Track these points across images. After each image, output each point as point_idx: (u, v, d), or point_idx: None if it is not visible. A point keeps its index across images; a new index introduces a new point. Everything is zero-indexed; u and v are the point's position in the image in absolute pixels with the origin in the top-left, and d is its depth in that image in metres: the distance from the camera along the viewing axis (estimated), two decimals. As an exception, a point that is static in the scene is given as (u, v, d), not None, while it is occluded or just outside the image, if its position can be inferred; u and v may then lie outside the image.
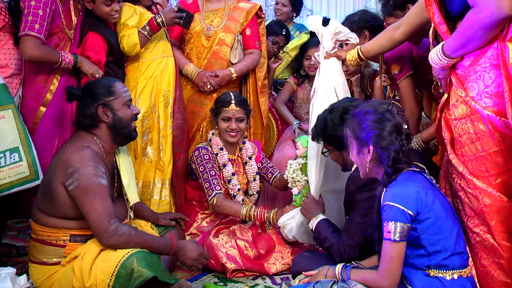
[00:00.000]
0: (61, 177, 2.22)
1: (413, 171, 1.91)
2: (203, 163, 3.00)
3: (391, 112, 1.88)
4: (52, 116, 2.77)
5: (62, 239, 2.28)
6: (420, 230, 1.80)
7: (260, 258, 2.83)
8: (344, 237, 2.24)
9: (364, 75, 3.55)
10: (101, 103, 2.34)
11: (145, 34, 2.99)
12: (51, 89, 2.75)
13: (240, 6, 3.46)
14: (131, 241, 2.19)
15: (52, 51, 2.69)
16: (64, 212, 2.25)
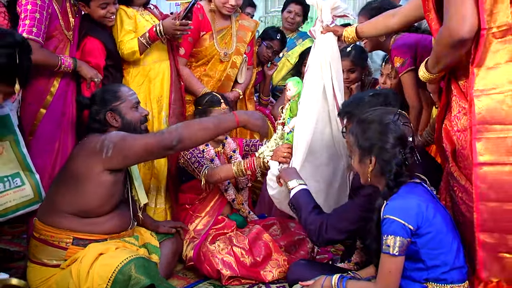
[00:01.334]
0: (96, 156, 2.25)
1: (414, 183, 1.91)
2: (190, 151, 3.02)
3: (396, 123, 1.87)
4: (52, 118, 2.77)
5: (65, 241, 2.29)
6: (420, 244, 1.81)
7: (256, 266, 2.82)
8: (332, 216, 2.19)
9: (365, 83, 3.55)
10: (109, 108, 2.44)
11: (144, 42, 2.98)
12: (51, 91, 2.77)
13: (244, 25, 3.54)
14: (190, 127, 2.24)
15: (52, 55, 2.70)
16: (84, 202, 2.27)
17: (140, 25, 3.05)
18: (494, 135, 1.75)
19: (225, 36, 3.48)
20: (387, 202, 1.84)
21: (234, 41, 3.48)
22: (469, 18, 1.73)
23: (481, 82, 1.77)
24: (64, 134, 2.83)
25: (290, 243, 2.99)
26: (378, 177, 1.91)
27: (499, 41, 1.75)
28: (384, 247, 1.78)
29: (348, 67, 3.41)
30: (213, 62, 3.45)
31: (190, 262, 2.86)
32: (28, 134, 2.72)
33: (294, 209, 2.33)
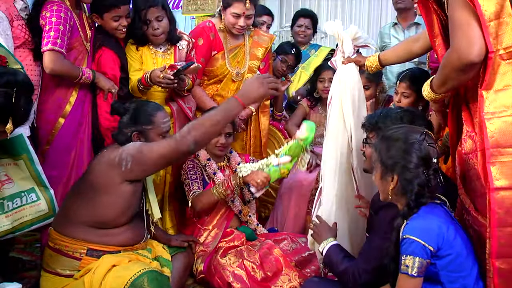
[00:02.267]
0: (115, 168, 2.24)
1: (434, 204, 1.88)
2: (187, 171, 3.07)
3: (421, 143, 1.84)
4: (70, 128, 2.81)
5: (79, 251, 2.29)
6: (439, 266, 1.77)
7: (267, 281, 2.80)
8: (360, 260, 2.17)
9: (379, 100, 3.54)
10: (138, 129, 2.42)
11: (141, 88, 3.00)
12: (70, 101, 2.81)
13: (258, 41, 3.52)
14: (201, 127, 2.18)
15: (74, 66, 2.75)
16: (100, 213, 2.27)
17: (146, 63, 3.05)
18: (508, 158, 1.73)
19: (237, 54, 3.47)
20: (407, 222, 1.81)
21: (247, 59, 3.47)
22: (478, 41, 1.71)
23: (492, 104, 1.75)
24: (81, 144, 2.86)
25: (301, 258, 2.96)
26: (399, 195, 1.89)
27: (507, 62, 1.74)
28: (403, 267, 1.75)
29: (362, 83, 3.38)
30: (225, 82, 3.45)
31: (201, 275, 2.86)
32: (45, 144, 2.75)
33: (328, 267, 2.34)
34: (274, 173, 2.70)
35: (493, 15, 1.71)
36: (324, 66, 3.78)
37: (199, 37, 3.32)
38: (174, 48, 3.18)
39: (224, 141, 3.12)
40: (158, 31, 3.01)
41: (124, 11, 2.89)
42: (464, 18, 1.73)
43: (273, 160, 2.72)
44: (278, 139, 3.85)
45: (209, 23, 3.40)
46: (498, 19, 1.71)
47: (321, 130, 3.74)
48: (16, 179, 2.48)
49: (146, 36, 3.05)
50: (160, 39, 3.07)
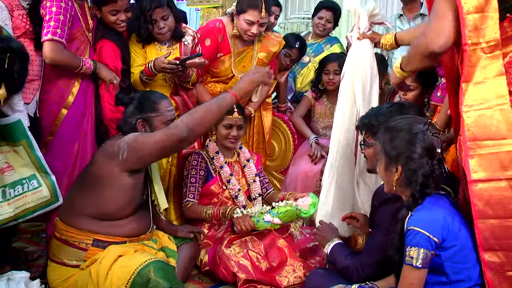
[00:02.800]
0: (113, 158, 2.25)
1: (439, 195, 1.87)
2: (189, 169, 3.07)
3: (425, 133, 1.83)
4: (73, 119, 2.80)
5: (85, 242, 2.31)
6: (444, 257, 1.77)
7: (271, 271, 2.80)
8: (363, 255, 2.20)
9: (384, 91, 3.52)
10: (143, 117, 2.42)
11: (144, 79, 2.98)
12: (72, 92, 2.79)
13: (267, 46, 3.45)
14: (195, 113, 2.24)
15: (74, 57, 2.73)
16: (104, 206, 2.28)
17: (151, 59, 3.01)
18: (486, 151, 1.73)
19: (243, 59, 3.43)
20: (412, 213, 1.80)
21: (253, 63, 3.42)
22: (445, 34, 1.76)
23: (471, 97, 1.76)
24: (84, 135, 2.85)
25: (306, 249, 2.97)
26: (403, 186, 1.88)
27: (488, 56, 1.74)
28: (407, 258, 1.75)
29: None
30: (230, 84, 3.39)
31: (206, 266, 2.86)
32: (48, 134, 2.75)
33: (332, 265, 2.38)
34: (261, 225, 2.83)
35: (474, 8, 1.72)
36: (330, 58, 3.77)
37: (207, 38, 3.27)
38: (180, 44, 3.16)
39: (236, 133, 3.12)
40: (164, 29, 2.99)
41: (122, 6, 2.86)
42: (442, 8, 1.77)
43: (266, 216, 2.82)
44: (283, 131, 3.85)
45: (219, 23, 3.32)
46: (481, 12, 1.72)
47: (326, 121, 3.79)
48: (16, 166, 2.45)
49: (152, 35, 3.04)
50: (166, 37, 3.06)
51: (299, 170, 3.60)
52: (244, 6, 3.20)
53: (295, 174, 3.60)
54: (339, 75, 3.61)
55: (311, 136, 3.70)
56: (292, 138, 3.82)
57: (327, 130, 3.80)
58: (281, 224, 2.88)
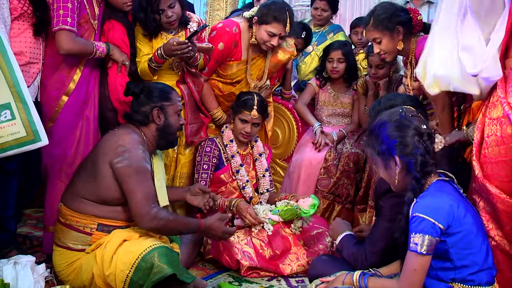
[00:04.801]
0: (110, 155, 2.27)
1: (443, 181, 1.86)
2: (202, 155, 3.08)
3: (405, 117, 1.85)
4: (74, 106, 2.77)
5: (90, 226, 2.31)
6: (449, 243, 1.76)
7: (275, 259, 2.82)
8: (367, 243, 2.22)
9: (392, 79, 3.49)
10: (158, 105, 2.45)
11: (153, 66, 2.94)
12: (74, 79, 2.76)
13: (279, 58, 3.38)
14: (168, 225, 2.26)
15: (87, 43, 2.71)
16: (101, 193, 2.29)
17: (156, 47, 2.97)
18: None
19: (252, 66, 3.33)
20: (417, 200, 1.80)
21: (265, 72, 3.36)
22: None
23: None
24: (86, 122, 2.82)
25: (309, 237, 2.99)
26: (406, 176, 1.87)
27: None
28: (412, 245, 1.75)
29: (377, 62, 3.38)
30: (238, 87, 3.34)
31: (209, 254, 2.87)
32: (49, 121, 2.72)
33: (340, 253, 2.39)
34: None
35: None
36: (333, 45, 3.74)
37: (221, 42, 3.17)
38: (185, 31, 3.12)
39: (250, 130, 3.11)
40: (172, 17, 2.93)
41: None
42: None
43: (273, 216, 2.90)
44: (287, 118, 3.82)
45: (236, 28, 3.21)
46: None
47: (329, 109, 3.78)
48: None
49: (159, 26, 3.00)
50: (175, 25, 3.02)
51: (303, 157, 3.56)
52: (269, 18, 3.10)
53: (299, 162, 3.58)
54: (343, 63, 3.67)
55: (315, 123, 3.66)
56: (296, 125, 3.79)
57: (331, 118, 3.80)
58: (279, 221, 2.90)
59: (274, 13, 3.09)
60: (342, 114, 3.80)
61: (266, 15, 3.11)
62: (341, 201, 3.49)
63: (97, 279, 2.23)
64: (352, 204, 3.48)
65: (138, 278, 2.12)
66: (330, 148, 3.57)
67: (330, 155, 3.54)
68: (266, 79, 3.38)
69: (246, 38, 3.26)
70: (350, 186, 3.48)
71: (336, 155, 3.54)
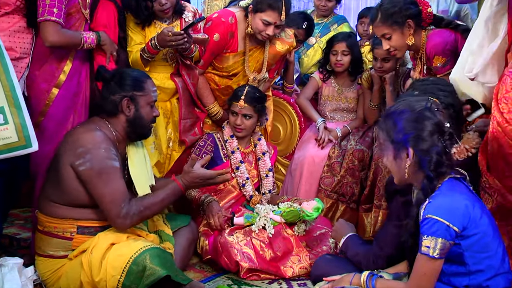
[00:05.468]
0: (70, 157, 2.22)
1: (454, 178, 1.82)
2: (195, 148, 3.09)
3: (430, 110, 1.79)
4: (65, 98, 2.72)
5: (69, 231, 2.28)
6: (464, 246, 1.73)
7: (276, 260, 2.79)
8: (374, 246, 2.21)
9: (399, 73, 3.46)
10: (128, 95, 2.37)
11: (145, 57, 2.89)
12: (64, 70, 2.71)
13: (277, 49, 3.36)
14: (143, 215, 2.25)
15: (74, 34, 2.66)
16: (70, 197, 2.25)
17: (149, 37, 2.94)
18: None
19: (250, 58, 3.31)
20: (430, 200, 1.76)
21: (264, 65, 3.34)
22: None
23: None
24: (78, 116, 2.77)
25: (312, 238, 2.96)
26: (416, 172, 1.83)
27: None
28: (423, 248, 1.72)
29: (382, 55, 3.34)
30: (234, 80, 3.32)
31: (207, 254, 2.84)
32: (39, 115, 2.67)
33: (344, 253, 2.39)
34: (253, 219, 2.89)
35: None
36: (337, 37, 3.70)
37: (217, 32, 3.15)
38: (180, 20, 3.09)
39: (240, 122, 3.07)
40: (166, 5, 2.91)
41: None
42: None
43: (274, 216, 2.88)
44: (288, 113, 3.80)
45: (232, 18, 3.18)
46: None
47: (333, 104, 3.76)
48: None
49: (152, 14, 2.96)
50: (169, 13, 2.98)
51: (305, 155, 3.53)
52: (264, 6, 3.07)
53: (301, 159, 3.54)
54: (347, 56, 3.64)
55: (318, 119, 3.63)
56: (298, 121, 3.77)
57: (334, 113, 3.77)
58: (281, 222, 2.88)
59: (269, 1, 3.07)
60: (346, 109, 3.76)
61: (260, 2, 3.09)
62: (345, 200, 3.46)
63: (86, 286, 2.19)
64: (357, 204, 3.45)
65: (130, 282, 2.08)
66: (333, 145, 3.54)
67: (334, 152, 3.51)
68: (265, 72, 3.34)
69: (243, 28, 3.23)
70: (354, 185, 3.44)
71: (340, 152, 3.51)
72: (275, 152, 3.38)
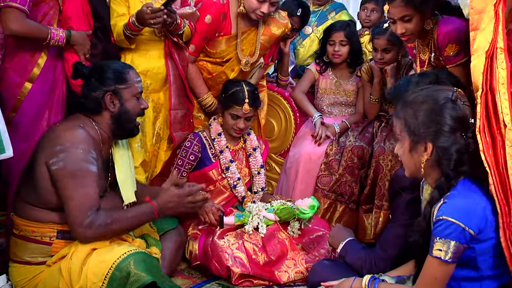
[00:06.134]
0: (46, 155, 2.19)
1: (470, 177, 1.80)
2: (180, 149, 3.05)
3: (455, 102, 1.75)
4: (39, 94, 2.66)
5: (48, 235, 2.25)
6: (478, 250, 1.71)
7: (270, 265, 2.77)
8: (377, 248, 2.21)
9: (401, 64, 3.44)
10: (110, 89, 2.34)
11: (128, 34, 2.84)
12: (38, 63, 2.65)
13: (272, 31, 3.33)
14: (110, 230, 2.17)
15: (40, 27, 2.58)
16: (46, 199, 2.21)
17: (135, 9, 2.87)
18: None
19: (244, 41, 3.28)
20: (445, 201, 1.73)
21: (257, 47, 3.30)
22: None
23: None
24: (54, 114, 2.71)
25: (308, 241, 2.93)
26: (433, 168, 1.80)
27: None
28: (435, 251, 1.68)
29: (383, 46, 3.32)
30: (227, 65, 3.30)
31: (196, 260, 2.83)
32: (11, 110, 2.61)
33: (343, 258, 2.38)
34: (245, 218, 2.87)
35: None
36: (335, 26, 3.69)
37: (208, 14, 3.12)
38: None
39: (243, 125, 3.06)
40: None
41: None
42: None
43: (268, 214, 2.87)
44: (283, 108, 3.78)
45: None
46: None
47: (331, 97, 3.76)
48: None
49: None
50: None
51: (301, 152, 3.52)
52: None
53: (297, 157, 3.52)
54: (346, 46, 3.64)
55: (315, 114, 3.60)
56: (294, 116, 3.75)
57: (332, 108, 3.76)
58: (275, 220, 2.88)
59: None
60: (345, 103, 3.75)
61: None
62: (344, 200, 3.44)
63: (65, 295, 2.16)
64: (356, 204, 3.44)
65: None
66: (331, 141, 3.51)
67: (332, 149, 3.49)
68: (258, 55, 3.31)
69: (235, 9, 3.20)
70: (354, 184, 3.42)
71: (338, 149, 3.49)
72: (266, 147, 3.37)
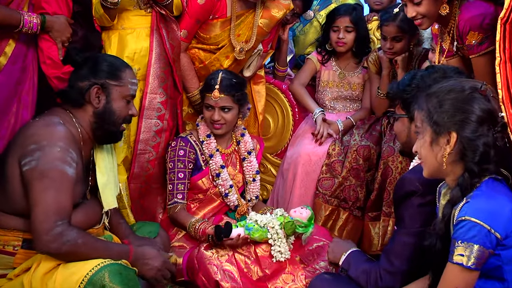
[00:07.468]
0: (19, 153, 2.18)
1: (495, 179, 1.80)
2: (174, 161, 3.02)
3: (483, 94, 1.77)
4: (6, 86, 2.60)
5: (12, 244, 2.23)
6: (505, 258, 1.70)
7: (264, 280, 2.76)
8: (382, 260, 2.17)
9: (413, 54, 3.45)
10: (99, 82, 2.34)
11: (107, 5, 2.81)
12: (5, 52, 2.59)
13: (272, 13, 3.33)
14: (77, 251, 2.12)
15: (10, 12, 2.54)
16: (15, 203, 2.19)
17: None
18: None
19: (241, 25, 3.29)
20: (468, 200, 1.72)
21: (253, 32, 3.29)
22: None
23: None
24: (23, 107, 2.67)
25: (307, 252, 2.92)
26: (455, 163, 1.79)
27: None
28: (455, 256, 1.68)
29: (393, 34, 3.33)
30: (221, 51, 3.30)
31: (180, 275, 2.82)
32: None
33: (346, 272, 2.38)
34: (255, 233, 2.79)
35: None
36: (339, 11, 3.69)
37: None
38: None
39: (218, 117, 3.01)
40: None
41: None
42: None
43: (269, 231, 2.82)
44: (280, 102, 3.79)
45: None
46: None
47: (334, 91, 3.76)
48: None
49: None
50: None
51: (300, 152, 3.51)
52: None
53: (295, 157, 3.51)
54: (351, 33, 3.65)
55: (316, 109, 3.58)
56: (292, 111, 3.74)
57: (335, 103, 3.76)
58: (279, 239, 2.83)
59: None
60: (349, 98, 3.74)
61: None
62: (347, 206, 3.42)
63: (27, 312, 2.16)
64: (361, 211, 3.43)
65: (85, 306, 2.06)
66: (334, 141, 3.50)
67: (334, 149, 3.46)
68: (255, 42, 3.29)
69: None
70: (359, 188, 3.41)
71: (341, 149, 3.47)
72: (262, 146, 3.35)
